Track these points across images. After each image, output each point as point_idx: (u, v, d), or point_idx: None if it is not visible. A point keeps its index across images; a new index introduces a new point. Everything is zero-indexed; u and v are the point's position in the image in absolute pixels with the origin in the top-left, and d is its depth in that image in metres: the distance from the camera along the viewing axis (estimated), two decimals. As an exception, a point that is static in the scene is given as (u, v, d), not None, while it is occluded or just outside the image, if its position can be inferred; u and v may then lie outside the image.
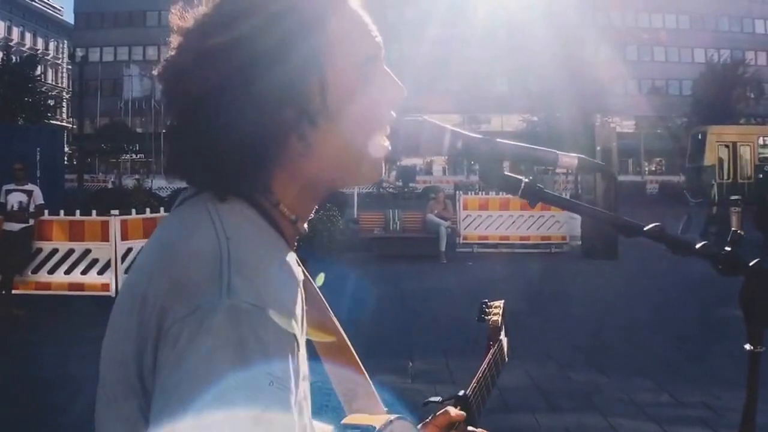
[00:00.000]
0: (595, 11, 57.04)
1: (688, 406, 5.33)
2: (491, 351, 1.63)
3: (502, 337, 1.69)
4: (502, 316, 1.70)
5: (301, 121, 0.81)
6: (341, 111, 0.83)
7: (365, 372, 1.13)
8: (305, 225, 0.92)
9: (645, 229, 0.91)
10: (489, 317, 1.69)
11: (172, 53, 0.85)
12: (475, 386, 1.50)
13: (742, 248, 0.91)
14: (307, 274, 1.02)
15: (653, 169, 61.74)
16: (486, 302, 1.71)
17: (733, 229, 0.91)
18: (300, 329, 0.77)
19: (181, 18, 0.86)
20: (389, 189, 37.97)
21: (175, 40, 0.86)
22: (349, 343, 1.12)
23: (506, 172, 0.96)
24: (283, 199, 0.86)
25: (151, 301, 0.74)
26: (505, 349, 1.71)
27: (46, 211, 9.57)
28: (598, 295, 9.74)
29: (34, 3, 69.92)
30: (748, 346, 0.95)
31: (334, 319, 1.10)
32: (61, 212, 9.87)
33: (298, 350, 0.74)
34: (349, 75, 0.85)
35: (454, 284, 10.87)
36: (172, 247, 0.78)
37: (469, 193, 15.72)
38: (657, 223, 0.92)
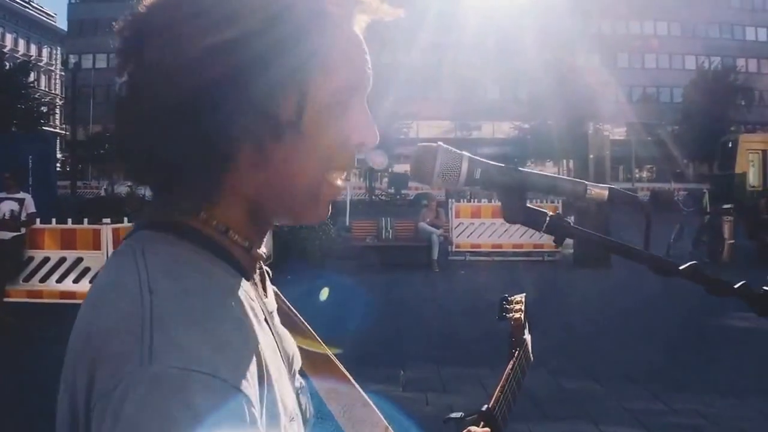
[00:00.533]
0: (587, 19, 57.36)
1: (681, 413, 5.35)
2: (516, 353, 1.50)
3: (526, 335, 1.56)
4: (525, 311, 1.58)
5: (265, 131, 0.73)
6: (310, 132, 0.75)
7: (356, 384, 1.06)
8: (261, 249, 0.83)
9: (681, 268, 0.86)
10: (511, 314, 1.56)
11: (136, 24, 0.75)
12: (500, 396, 1.39)
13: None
14: (281, 297, 0.96)
15: (644, 176, 62.01)
16: (506, 297, 1.60)
17: None
18: (256, 380, 0.67)
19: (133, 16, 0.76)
20: (381, 196, 38.01)
21: (138, 16, 0.75)
22: (335, 359, 1.05)
23: (529, 205, 0.88)
24: (232, 225, 0.78)
25: (79, 373, 0.65)
26: (530, 348, 1.58)
27: (37, 220, 9.55)
28: (590, 304, 9.77)
29: (27, 9, 69.81)
30: None
31: (317, 338, 1.03)
32: (53, 221, 9.84)
33: (254, 406, 0.64)
34: (329, 98, 0.76)
35: (446, 293, 10.90)
36: (94, 308, 0.69)
37: (462, 200, 15.73)
38: (693, 262, 0.87)
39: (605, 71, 53.52)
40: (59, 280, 9.59)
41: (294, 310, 1.00)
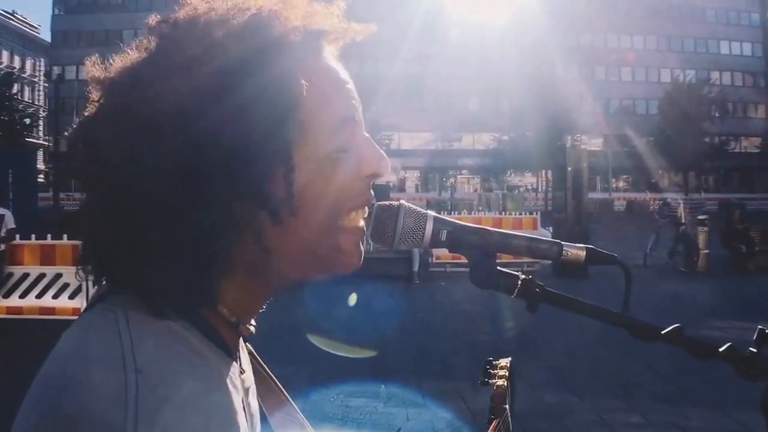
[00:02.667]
0: (565, 32, 58.02)
1: (660, 426, 5.41)
2: (495, 425, 1.38)
3: (507, 405, 1.44)
4: (510, 378, 1.47)
5: (257, 218, 0.66)
6: (310, 199, 0.68)
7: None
8: (251, 325, 0.77)
9: (663, 332, 0.82)
10: (494, 380, 1.44)
11: (90, 112, 0.69)
12: None
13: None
14: (256, 357, 0.89)
15: (621, 186, 62.63)
16: (491, 361, 1.47)
17: (759, 327, 0.80)
18: None
19: (102, 68, 0.70)
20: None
21: (95, 94, 0.69)
22: (301, 416, 0.94)
23: (499, 268, 0.81)
24: (223, 295, 0.69)
25: None
26: (510, 420, 1.46)
27: (17, 236, 9.49)
28: (568, 315, 9.84)
29: (11, 21, 69.18)
30: None
31: (287, 396, 0.94)
32: (33, 236, 9.76)
33: None
34: (320, 151, 0.69)
35: (427, 305, 10.93)
36: (62, 381, 0.59)
37: (442, 212, 15.77)
38: (677, 325, 0.82)
39: (583, 84, 54.13)
40: (39, 296, 9.49)
41: (269, 372, 0.92)
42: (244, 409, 0.71)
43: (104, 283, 0.69)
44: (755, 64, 67.08)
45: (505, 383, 1.43)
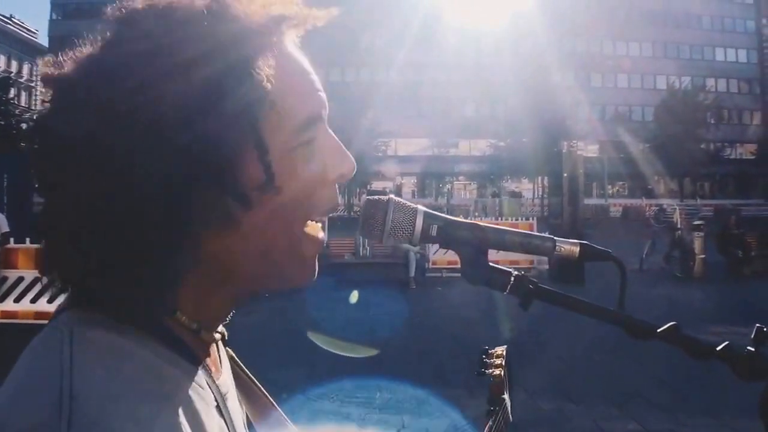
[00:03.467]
0: (561, 39, 58.21)
1: (655, 432, 5.42)
2: (493, 414, 1.35)
3: (506, 395, 1.42)
4: (506, 366, 1.44)
5: (221, 203, 0.63)
6: (276, 189, 0.65)
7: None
8: (217, 332, 0.74)
9: (659, 331, 0.78)
10: (491, 370, 1.41)
11: (45, 107, 0.66)
12: None
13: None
14: (237, 362, 0.86)
15: (617, 192, 62.75)
16: (486, 350, 1.45)
17: (758, 325, 0.78)
18: None
19: (55, 65, 0.67)
20: (359, 213, 38.06)
21: (47, 92, 0.66)
22: (288, 420, 0.92)
23: (491, 264, 0.79)
24: (181, 302, 0.66)
25: None
26: (509, 409, 1.43)
27: (11, 239, 9.47)
28: (565, 322, 9.84)
29: (8, 25, 69.15)
30: None
31: (272, 401, 0.91)
32: (27, 240, 9.75)
33: None
34: (290, 141, 0.67)
35: (423, 310, 10.91)
36: (7, 397, 0.57)
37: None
38: (673, 323, 0.79)
39: (579, 91, 54.31)
40: (33, 300, 9.47)
41: (251, 377, 0.89)
42: (221, 414, 0.69)
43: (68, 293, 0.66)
44: (750, 71, 67.39)
45: (502, 372, 1.41)
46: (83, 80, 0.62)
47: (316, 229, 0.72)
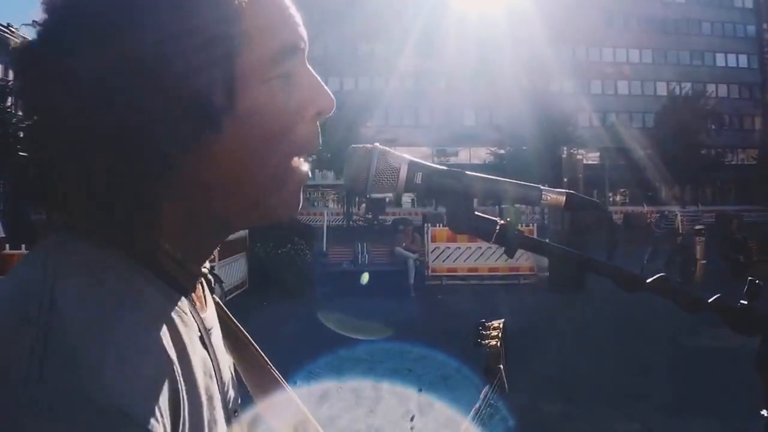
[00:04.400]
0: (562, 46, 58.31)
1: (657, 435, 5.37)
2: (488, 386, 1.39)
3: (501, 366, 1.45)
4: (502, 338, 1.46)
5: (195, 125, 0.62)
6: (249, 115, 0.65)
7: (300, 403, 0.94)
8: (203, 266, 0.74)
9: (648, 281, 0.78)
10: (487, 341, 1.44)
11: (37, 33, 0.65)
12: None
13: (760, 301, 0.78)
14: (225, 311, 0.86)
15: (618, 199, 62.70)
16: (483, 322, 1.48)
17: (750, 278, 0.77)
18: (167, 412, 0.56)
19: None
20: (359, 221, 38.08)
21: (41, 15, 0.65)
22: (280, 377, 0.93)
23: (477, 213, 0.79)
24: (165, 233, 0.66)
25: None
26: (504, 378, 1.45)
27: (7, 245, 9.45)
28: (566, 326, 9.80)
29: (5, 34, 69.53)
30: (765, 412, 0.80)
31: (261, 354, 0.92)
32: (23, 246, 9.72)
33: None
34: (264, 70, 0.66)
35: (423, 318, 10.86)
36: None
37: (438, 225, 15.78)
38: (661, 274, 0.78)
39: (579, 98, 54.40)
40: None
41: (238, 325, 0.89)
42: (205, 346, 0.69)
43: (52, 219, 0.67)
44: (751, 76, 67.42)
45: (499, 343, 1.43)
46: (62, 11, 0.63)
47: (299, 162, 0.72)
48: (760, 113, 65.87)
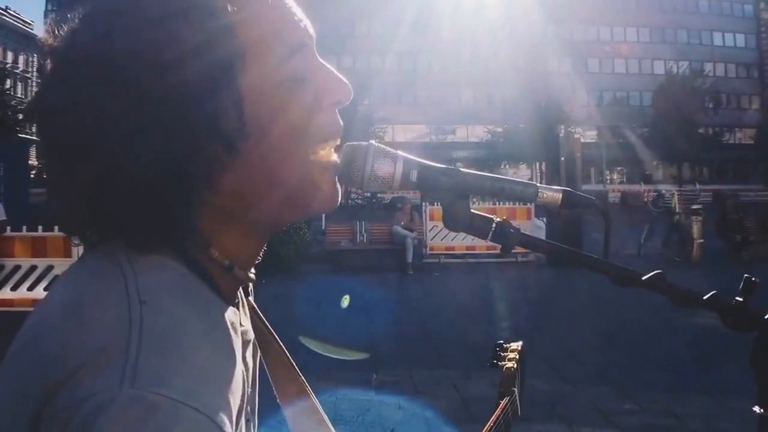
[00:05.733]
0: (559, 25, 58.02)
1: (653, 413, 5.40)
2: (502, 405, 1.36)
3: (516, 387, 1.43)
4: (520, 360, 1.44)
5: (215, 148, 0.62)
6: (265, 126, 0.65)
7: (321, 409, 0.95)
8: (250, 272, 0.74)
9: (644, 278, 0.78)
10: (504, 362, 1.41)
11: (44, 79, 0.66)
12: None
13: (754, 297, 0.78)
14: (258, 314, 0.87)
15: (615, 178, 62.75)
16: (501, 343, 1.45)
17: (746, 275, 0.77)
18: (234, 420, 0.58)
19: (51, 36, 0.66)
20: (357, 200, 38.06)
21: (49, 63, 0.66)
22: (306, 384, 0.94)
23: (473, 210, 0.78)
24: (212, 241, 0.67)
25: (34, 380, 0.55)
26: (519, 402, 1.44)
27: (8, 228, 9.45)
28: (562, 305, 9.86)
29: (4, 17, 68.87)
30: (757, 409, 0.79)
31: (291, 360, 0.94)
32: (24, 228, 9.72)
33: None
34: (271, 79, 0.65)
35: (421, 295, 10.91)
36: (66, 311, 0.59)
37: (436, 204, 15.79)
38: (658, 271, 0.79)
39: (576, 76, 54.24)
40: (30, 288, 9.45)
41: (268, 325, 0.90)
42: (244, 359, 0.70)
43: (90, 241, 0.67)
44: (749, 56, 67.23)
45: (515, 365, 1.40)
46: (70, 52, 0.63)
47: (327, 154, 0.72)
48: (758, 92, 65.75)
